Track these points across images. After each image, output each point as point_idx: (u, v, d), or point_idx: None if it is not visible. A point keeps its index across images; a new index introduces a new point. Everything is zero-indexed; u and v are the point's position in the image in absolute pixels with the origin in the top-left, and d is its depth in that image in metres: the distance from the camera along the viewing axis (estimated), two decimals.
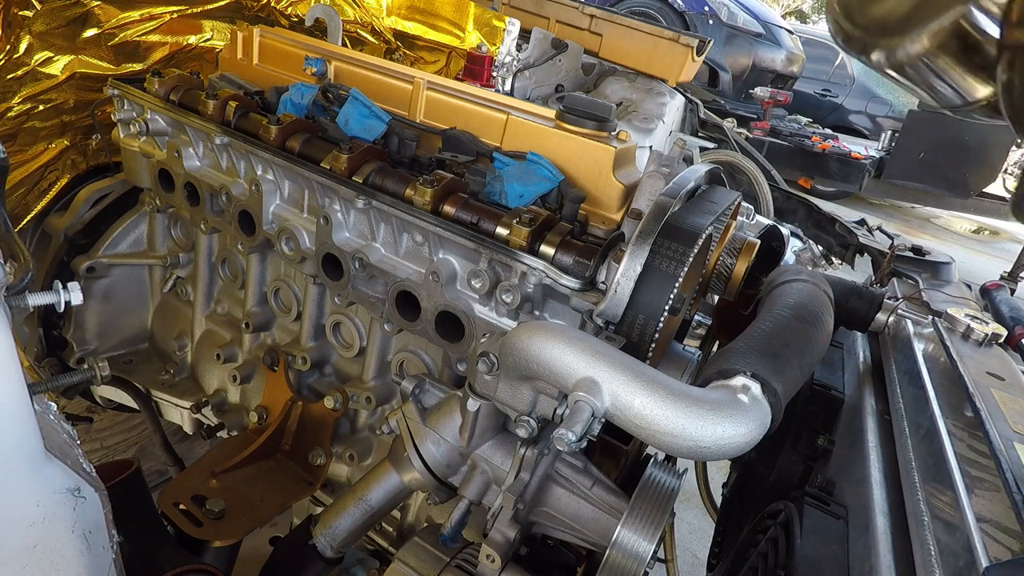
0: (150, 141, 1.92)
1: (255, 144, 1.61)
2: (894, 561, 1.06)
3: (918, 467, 1.19)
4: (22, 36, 1.82)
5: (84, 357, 2.13)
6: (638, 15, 5.69)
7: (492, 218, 1.37)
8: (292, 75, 1.89)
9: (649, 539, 1.15)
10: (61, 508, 0.90)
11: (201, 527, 1.55)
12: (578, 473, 1.31)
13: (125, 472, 1.44)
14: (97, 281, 2.07)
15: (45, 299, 1.05)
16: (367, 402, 1.73)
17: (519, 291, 1.32)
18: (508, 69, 3.18)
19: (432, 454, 1.33)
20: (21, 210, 2.05)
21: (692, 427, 0.95)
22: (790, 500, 1.29)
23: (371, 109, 1.60)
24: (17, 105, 1.88)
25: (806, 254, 2.73)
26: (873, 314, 1.70)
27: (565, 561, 1.46)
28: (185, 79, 1.89)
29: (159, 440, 2.12)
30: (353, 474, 1.82)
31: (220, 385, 2.06)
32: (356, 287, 1.56)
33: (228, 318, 2.07)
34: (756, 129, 7.97)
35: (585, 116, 1.50)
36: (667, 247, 1.23)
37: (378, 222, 1.50)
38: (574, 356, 1.03)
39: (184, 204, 1.87)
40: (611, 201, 1.46)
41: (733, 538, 1.63)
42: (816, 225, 2.97)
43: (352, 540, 1.44)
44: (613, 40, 3.83)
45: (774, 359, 1.12)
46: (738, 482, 1.78)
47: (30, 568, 0.88)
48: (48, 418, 1.01)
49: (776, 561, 1.18)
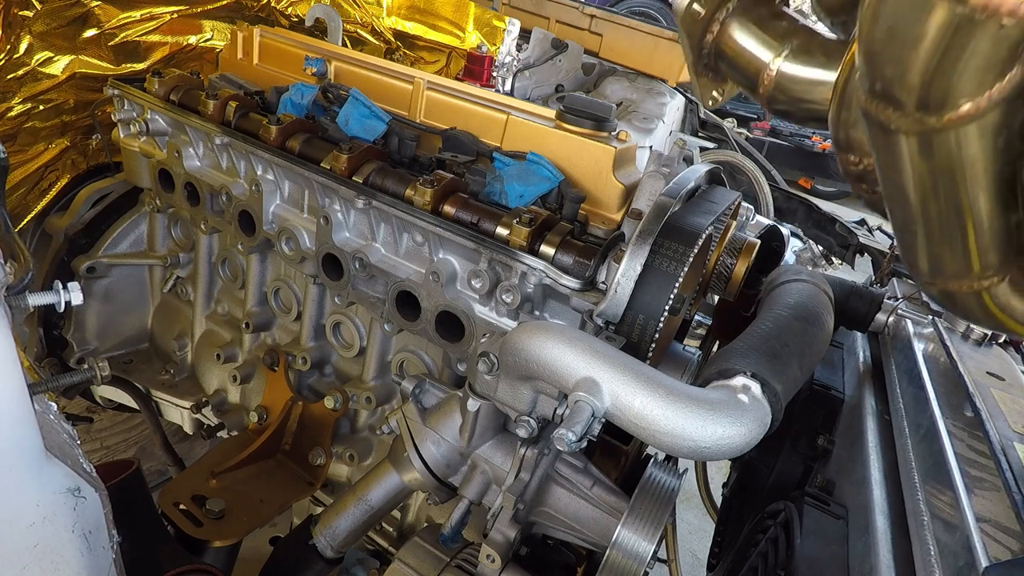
0: (150, 141, 1.92)
1: (255, 144, 1.61)
2: (894, 561, 1.06)
3: (918, 467, 1.19)
4: (22, 36, 1.82)
5: (84, 357, 2.13)
6: (638, 15, 5.68)
7: (492, 218, 1.37)
8: (292, 75, 1.89)
9: (649, 539, 1.15)
10: (61, 508, 0.90)
11: (201, 527, 1.55)
12: (578, 473, 1.31)
13: (125, 472, 1.44)
14: (97, 281, 2.07)
15: (45, 299, 1.05)
16: (367, 402, 1.73)
17: (519, 291, 1.32)
18: (508, 69, 3.18)
19: (432, 454, 1.33)
20: (21, 210, 2.05)
21: (692, 427, 0.95)
22: (790, 500, 1.29)
23: (371, 109, 1.60)
24: (17, 105, 1.88)
25: (806, 254, 2.73)
26: (873, 314, 1.70)
27: (565, 561, 1.46)
28: (185, 79, 1.89)
29: (159, 440, 2.12)
30: (353, 474, 1.82)
31: (220, 385, 2.06)
32: (356, 287, 1.56)
33: (228, 318, 2.07)
34: (756, 129, 7.97)
35: (585, 116, 1.50)
36: (667, 247, 1.23)
37: (378, 222, 1.50)
38: (574, 356, 1.03)
39: (184, 204, 1.87)
40: (611, 201, 1.46)
41: (733, 538, 1.63)
42: (816, 225, 2.97)
43: (352, 540, 1.44)
44: (613, 40, 3.83)
45: (774, 359, 1.12)
46: (738, 482, 1.78)
47: (30, 568, 0.88)
48: (48, 418, 1.01)
49: (776, 561, 1.18)
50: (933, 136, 0.67)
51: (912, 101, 0.66)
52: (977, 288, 0.80)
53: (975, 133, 0.66)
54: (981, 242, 0.76)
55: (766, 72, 0.98)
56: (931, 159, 0.70)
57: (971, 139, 0.67)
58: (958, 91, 0.63)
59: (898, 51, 0.63)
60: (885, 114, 0.69)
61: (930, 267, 0.82)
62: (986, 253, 0.77)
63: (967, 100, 0.63)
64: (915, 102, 0.66)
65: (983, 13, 0.56)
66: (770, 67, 0.98)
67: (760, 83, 0.99)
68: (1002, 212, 0.73)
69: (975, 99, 0.63)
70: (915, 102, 0.66)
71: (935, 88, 0.63)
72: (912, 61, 0.62)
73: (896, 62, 0.64)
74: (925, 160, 0.70)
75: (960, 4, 0.56)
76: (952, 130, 0.66)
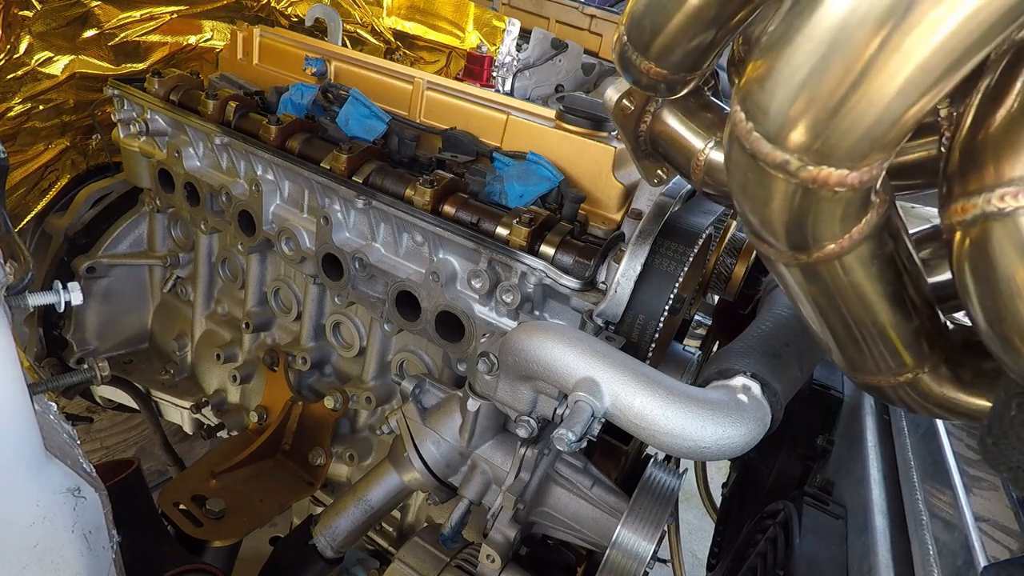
0: (150, 141, 1.92)
1: (255, 144, 1.61)
2: (893, 560, 1.06)
3: (917, 466, 1.19)
4: (22, 36, 1.82)
5: (84, 357, 2.13)
6: None
7: (492, 218, 1.37)
8: (292, 75, 1.89)
9: (649, 539, 1.15)
10: (61, 508, 0.90)
11: (201, 527, 1.55)
12: (578, 473, 1.31)
13: (125, 472, 1.44)
14: (97, 281, 2.07)
15: (45, 299, 1.05)
16: (367, 402, 1.73)
17: (519, 291, 1.32)
18: (508, 69, 3.18)
19: (432, 454, 1.33)
20: (21, 210, 2.05)
21: (692, 427, 0.95)
22: (789, 500, 1.30)
23: (371, 109, 1.60)
24: (17, 105, 1.88)
25: None
26: None
27: (565, 561, 1.46)
28: (185, 79, 1.89)
29: (159, 440, 2.12)
30: (353, 474, 1.83)
31: (220, 385, 2.06)
32: (356, 287, 1.56)
33: (228, 318, 2.07)
34: None
35: (585, 116, 1.50)
36: (667, 247, 1.23)
37: (378, 222, 1.50)
38: (574, 356, 1.03)
39: (184, 204, 1.87)
40: (611, 201, 1.46)
41: (733, 538, 1.63)
42: None
43: (352, 540, 1.44)
44: (613, 40, 3.83)
45: (774, 359, 1.12)
46: (738, 482, 1.78)
47: (30, 568, 0.88)
48: (48, 418, 1.01)
49: (775, 561, 1.19)
50: (811, 268, 0.71)
51: (782, 243, 0.70)
52: (898, 382, 0.83)
53: (850, 263, 0.70)
54: (889, 347, 0.79)
55: (696, 159, 1.02)
56: (816, 285, 0.74)
57: (848, 268, 0.70)
58: (819, 236, 0.67)
59: (756, 207, 0.68)
60: (764, 248, 0.74)
61: (849, 367, 0.86)
62: (896, 355, 0.79)
63: (829, 242, 0.67)
64: (785, 243, 0.70)
65: (814, 184, 0.60)
66: (700, 155, 1.02)
67: (692, 170, 1.03)
68: (903, 321, 0.76)
69: (837, 240, 0.67)
70: (785, 243, 0.70)
71: (797, 236, 0.68)
72: (770, 215, 0.67)
73: (759, 215, 0.69)
74: (811, 286, 0.75)
75: (793, 178, 0.60)
76: (826, 263, 0.70)
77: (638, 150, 1.12)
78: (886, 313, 0.75)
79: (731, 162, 0.67)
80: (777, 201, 0.64)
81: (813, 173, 0.59)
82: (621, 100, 1.06)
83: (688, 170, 1.05)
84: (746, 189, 0.67)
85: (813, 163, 0.59)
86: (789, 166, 0.60)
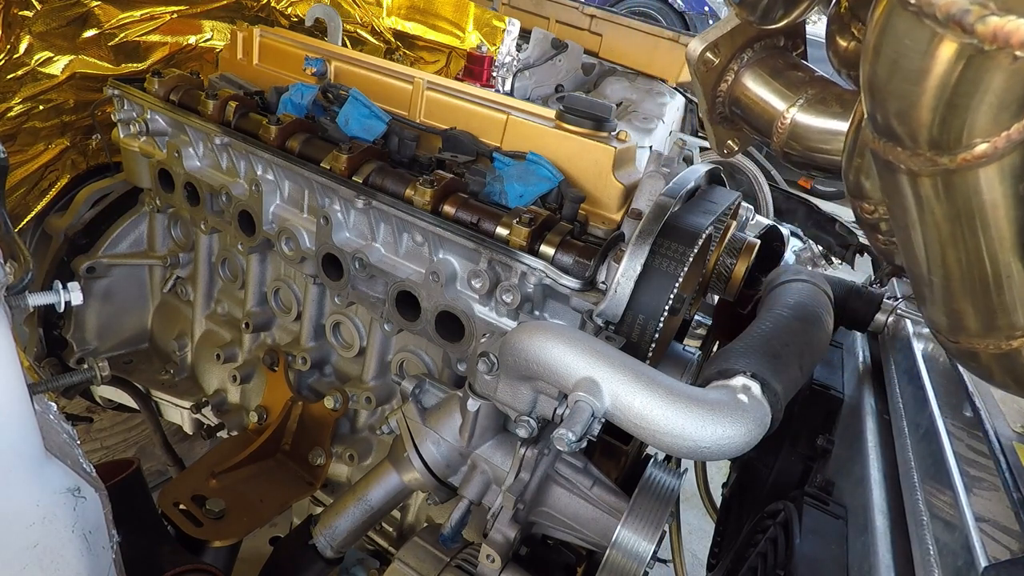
0: (150, 141, 1.92)
1: (255, 144, 1.61)
2: (893, 561, 1.06)
3: (917, 467, 1.19)
4: (22, 36, 1.82)
5: (84, 357, 2.13)
6: (638, 15, 5.68)
7: (492, 218, 1.37)
8: (292, 75, 1.89)
9: (649, 539, 1.15)
10: (61, 508, 0.90)
11: (201, 527, 1.55)
12: (578, 473, 1.31)
13: (125, 472, 1.44)
14: (97, 281, 2.07)
15: (45, 299, 1.05)
16: (367, 402, 1.73)
17: (519, 291, 1.32)
18: (508, 69, 3.18)
19: (432, 454, 1.33)
20: (21, 210, 2.05)
21: (692, 427, 0.95)
22: (789, 500, 1.29)
23: (371, 109, 1.60)
24: (17, 105, 1.88)
25: (806, 254, 2.73)
26: (873, 314, 1.70)
27: (565, 561, 1.46)
28: (185, 79, 1.89)
29: (159, 440, 2.12)
30: (353, 474, 1.82)
31: (220, 385, 2.06)
32: (356, 287, 1.56)
33: (228, 318, 2.07)
34: None
35: (585, 116, 1.50)
36: (667, 247, 1.23)
37: (378, 222, 1.50)
38: (574, 356, 1.03)
39: (184, 204, 1.87)
40: (611, 201, 1.46)
41: (733, 538, 1.63)
42: (816, 225, 2.97)
43: (352, 540, 1.44)
44: (613, 40, 3.83)
45: (774, 359, 1.12)
46: (738, 482, 1.78)
47: (30, 568, 0.88)
48: (48, 418, 1.01)
49: (775, 561, 1.18)
50: (947, 178, 0.61)
51: (922, 139, 0.60)
52: (1005, 349, 0.72)
53: (994, 176, 0.60)
54: (1007, 297, 0.68)
55: (780, 121, 0.97)
56: (945, 203, 0.64)
57: (990, 182, 0.60)
58: (972, 130, 0.57)
59: (903, 86, 0.58)
60: (893, 153, 0.63)
61: (949, 323, 0.75)
62: (1013, 310, 0.69)
63: (982, 140, 0.57)
64: (925, 140, 0.60)
65: (993, 44, 0.51)
66: (784, 116, 0.96)
67: (774, 132, 0.98)
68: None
69: (991, 139, 0.57)
70: (925, 140, 0.60)
71: (946, 126, 0.58)
72: (919, 97, 0.57)
73: (902, 97, 0.59)
74: (939, 204, 0.64)
75: (967, 35, 0.51)
76: (967, 171, 0.60)
77: (713, 112, 1.06)
78: (1016, 251, 0.64)
79: (883, 30, 0.56)
80: (935, 75, 0.54)
81: (995, 26, 0.49)
82: (705, 53, 0.98)
83: (770, 132, 0.99)
84: (897, 63, 0.56)
85: (1001, 7, 0.48)
86: (968, 17, 0.49)
